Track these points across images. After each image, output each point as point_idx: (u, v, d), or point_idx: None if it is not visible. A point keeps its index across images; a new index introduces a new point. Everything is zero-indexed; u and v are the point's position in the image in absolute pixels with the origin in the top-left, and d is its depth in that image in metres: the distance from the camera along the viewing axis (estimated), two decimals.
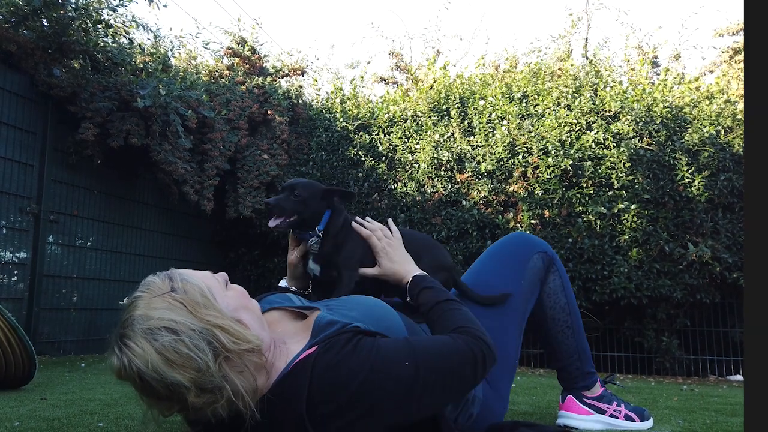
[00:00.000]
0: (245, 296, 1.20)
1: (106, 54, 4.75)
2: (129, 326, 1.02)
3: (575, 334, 1.81)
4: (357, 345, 1.11)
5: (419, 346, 1.15)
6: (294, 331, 1.25)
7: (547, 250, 1.77)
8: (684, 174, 4.52)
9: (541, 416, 2.11)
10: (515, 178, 5.00)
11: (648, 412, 1.90)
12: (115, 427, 1.65)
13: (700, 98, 4.95)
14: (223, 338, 1.03)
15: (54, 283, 4.67)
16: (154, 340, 1.00)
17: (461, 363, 1.17)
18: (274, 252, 6.20)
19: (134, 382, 1.01)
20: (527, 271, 1.72)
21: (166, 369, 0.98)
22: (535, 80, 5.48)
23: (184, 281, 1.09)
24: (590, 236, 4.70)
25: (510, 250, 1.76)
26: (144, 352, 0.99)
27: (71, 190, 4.83)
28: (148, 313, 1.03)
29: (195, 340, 1.01)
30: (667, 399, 2.93)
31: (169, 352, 0.99)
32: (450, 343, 1.19)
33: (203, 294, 1.08)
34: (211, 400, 1.02)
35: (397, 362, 1.10)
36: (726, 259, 4.41)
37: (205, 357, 1.00)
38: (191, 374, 0.99)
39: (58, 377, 3.16)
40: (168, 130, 4.76)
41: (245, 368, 1.06)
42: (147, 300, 1.06)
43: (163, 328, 1.01)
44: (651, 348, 4.83)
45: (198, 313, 1.04)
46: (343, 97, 6.39)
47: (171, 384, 0.99)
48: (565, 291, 1.80)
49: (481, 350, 1.19)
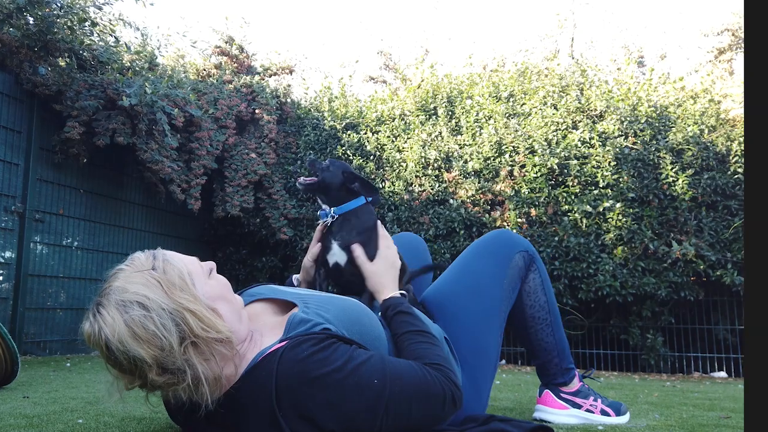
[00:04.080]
0: (227, 288, 1.22)
1: (92, 52, 4.74)
2: (106, 295, 1.08)
3: (554, 332, 1.83)
4: (329, 347, 1.12)
5: (392, 367, 1.15)
6: (272, 325, 1.26)
7: (528, 249, 1.78)
8: (668, 173, 4.56)
9: (522, 411, 2.13)
10: (502, 177, 5.03)
11: (625, 407, 1.93)
12: (94, 423, 1.66)
13: (685, 98, 5.00)
14: (192, 323, 1.06)
15: (40, 283, 4.65)
16: (125, 312, 1.04)
17: (429, 396, 1.17)
18: (262, 251, 6.20)
19: (101, 350, 1.06)
20: (509, 270, 1.73)
21: (131, 342, 1.02)
22: (522, 80, 5.51)
23: (165, 261, 1.14)
24: (576, 234, 4.73)
25: (493, 247, 1.77)
26: (114, 322, 1.04)
27: (57, 189, 4.80)
28: (125, 286, 1.07)
29: (164, 319, 1.04)
30: (648, 395, 2.96)
31: (136, 325, 1.03)
32: (421, 374, 1.18)
33: (182, 277, 1.12)
34: (172, 381, 1.05)
35: (365, 376, 1.11)
36: (709, 257, 4.45)
37: (170, 337, 1.04)
38: (154, 351, 1.03)
39: (43, 376, 3.15)
40: (154, 128, 4.76)
41: (212, 357, 1.08)
42: (128, 273, 1.11)
43: (136, 302, 1.05)
44: (636, 345, 4.87)
45: (172, 294, 1.08)
46: (332, 96, 6.40)
47: (133, 358, 1.03)
48: (545, 289, 1.81)
49: (451, 391, 1.20)
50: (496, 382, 3.46)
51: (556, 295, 4.66)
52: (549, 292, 1.83)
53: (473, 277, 1.72)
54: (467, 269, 1.76)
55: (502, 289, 1.71)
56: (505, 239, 1.79)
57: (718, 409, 2.35)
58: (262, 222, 5.92)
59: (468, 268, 1.76)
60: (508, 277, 1.73)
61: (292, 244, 5.89)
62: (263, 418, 1.09)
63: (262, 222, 5.92)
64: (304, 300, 1.33)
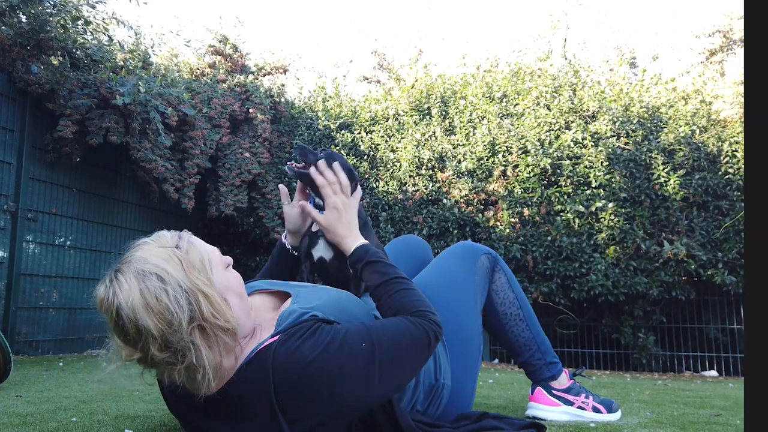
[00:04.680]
0: (240, 284, 1.25)
1: (86, 51, 4.72)
2: (126, 263, 1.11)
3: (530, 326, 1.87)
4: (315, 331, 1.14)
5: (375, 329, 1.19)
6: (270, 319, 1.28)
7: (490, 252, 1.87)
8: (660, 173, 4.60)
9: (514, 409, 2.15)
10: (495, 176, 5.05)
11: (616, 404, 1.95)
12: (88, 421, 1.66)
13: (676, 99, 5.04)
14: (204, 305, 1.08)
15: (32, 282, 4.63)
16: (142, 282, 1.06)
17: (416, 344, 1.22)
18: (255, 250, 6.20)
19: (110, 315, 1.08)
20: (477, 268, 1.81)
21: (142, 311, 1.04)
22: (515, 80, 5.54)
23: (190, 243, 1.18)
24: (569, 234, 4.76)
25: (460, 251, 1.85)
26: (129, 289, 1.06)
27: (50, 188, 4.78)
28: (147, 257, 1.10)
29: (178, 295, 1.07)
30: (640, 393, 2.98)
31: (150, 296, 1.05)
32: (404, 326, 1.22)
33: (202, 261, 1.15)
34: (172, 360, 1.07)
35: (353, 343, 1.13)
36: (700, 257, 4.49)
37: (181, 314, 1.06)
38: (162, 325, 1.05)
39: (35, 376, 3.14)
40: (148, 127, 4.74)
41: (215, 344, 1.10)
42: (152, 247, 1.14)
43: (155, 274, 1.08)
44: (628, 344, 4.91)
45: (191, 274, 1.10)
46: (326, 95, 6.40)
47: (141, 327, 1.04)
48: (512, 286, 1.88)
49: (434, 332, 1.25)
50: (489, 381, 3.48)
51: (548, 294, 4.75)
52: (516, 289, 1.89)
53: (446, 272, 1.79)
54: (439, 269, 1.82)
55: (474, 283, 1.78)
56: (469, 246, 1.88)
57: (709, 407, 2.38)
58: (255, 221, 5.92)
59: (440, 268, 1.82)
60: (477, 275, 1.80)
61: None
62: (263, 412, 1.10)
63: (255, 221, 5.92)
64: (296, 290, 1.35)
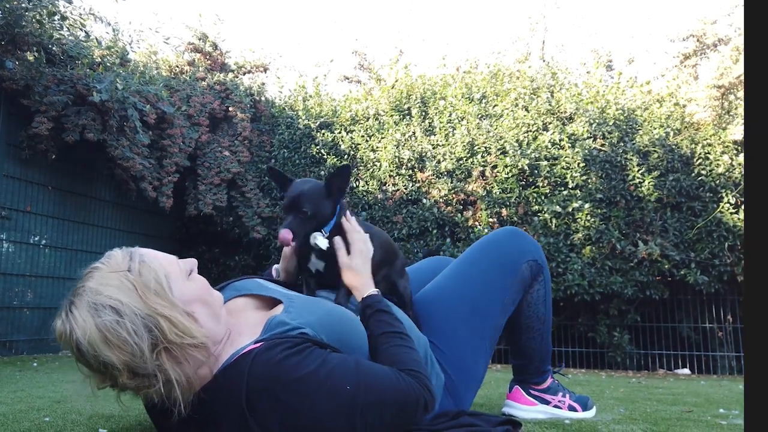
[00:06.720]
0: (206, 289, 1.19)
1: (62, 47, 4.65)
2: (79, 296, 1.05)
3: (543, 341, 1.82)
4: (303, 351, 1.11)
5: (365, 373, 1.14)
6: (253, 323, 1.24)
7: (538, 258, 1.72)
8: (635, 174, 4.67)
9: (491, 407, 2.17)
10: (474, 177, 5.09)
11: (592, 401, 1.98)
12: (61, 421, 1.65)
13: (651, 101, 5.13)
14: (166, 328, 1.04)
15: (6, 282, 4.55)
16: (97, 316, 1.02)
17: (403, 404, 1.17)
18: (234, 250, 6.16)
19: (72, 350, 1.05)
20: (513, 283, 1.67)
21: (102, 346, 1.01)
22: (494, 81, 5.59)
23: (142, 263, 1.10)
24: (546, 234, 4.82)
25: (503, 250, 1.71)
26: (85, 324, 1.02)
27: (24, 186, 4.70)
28: (99, 288, 1.05)
29: (136, 326, 1.02)
30: (614, 390, 3.04)
31: (108, 331, 1.01)
32: (396, 381, 1.18)
33: (158, 280, 1.08)
34: (143, 384, 1.04)
35: (338, 383, 1.10)
36: (674, 257, 4.57)
37: (142, 344, 1.02)
38: (126, 357, 1.01)
39: (8, 376, 3.09)
40: (126, 125, 4.69)
41: (185, 361, 1.06)
42: (103, 273, 1.08)
43: (109, 306, 1.03)
44: (603, 343, 4.98)
45: (147, 298, 1.05)
46: (306, 95, 6.39)
47: (104, 362, 1.01)
48: (546, 302, 1.76)
49: (425, 399, 1.20)
50: None
51: None
52: (548, 305, 1.78)
53: (472, 290, 1.65)
54: (469, 277, 1.68)
55: (503, 306, 1.66)
56: (516, 243, 1.72)
57: (681, 404, 2.44)
58: (235, 220, 5.88)
59: (470, 276, 1.68)
60: (512, 289, 1.67)
61: (266, 243, 5.87)
62: (233, 418, 1.08)
63: (235, 220, 5.88)
64: (291, 299, 1.30)
